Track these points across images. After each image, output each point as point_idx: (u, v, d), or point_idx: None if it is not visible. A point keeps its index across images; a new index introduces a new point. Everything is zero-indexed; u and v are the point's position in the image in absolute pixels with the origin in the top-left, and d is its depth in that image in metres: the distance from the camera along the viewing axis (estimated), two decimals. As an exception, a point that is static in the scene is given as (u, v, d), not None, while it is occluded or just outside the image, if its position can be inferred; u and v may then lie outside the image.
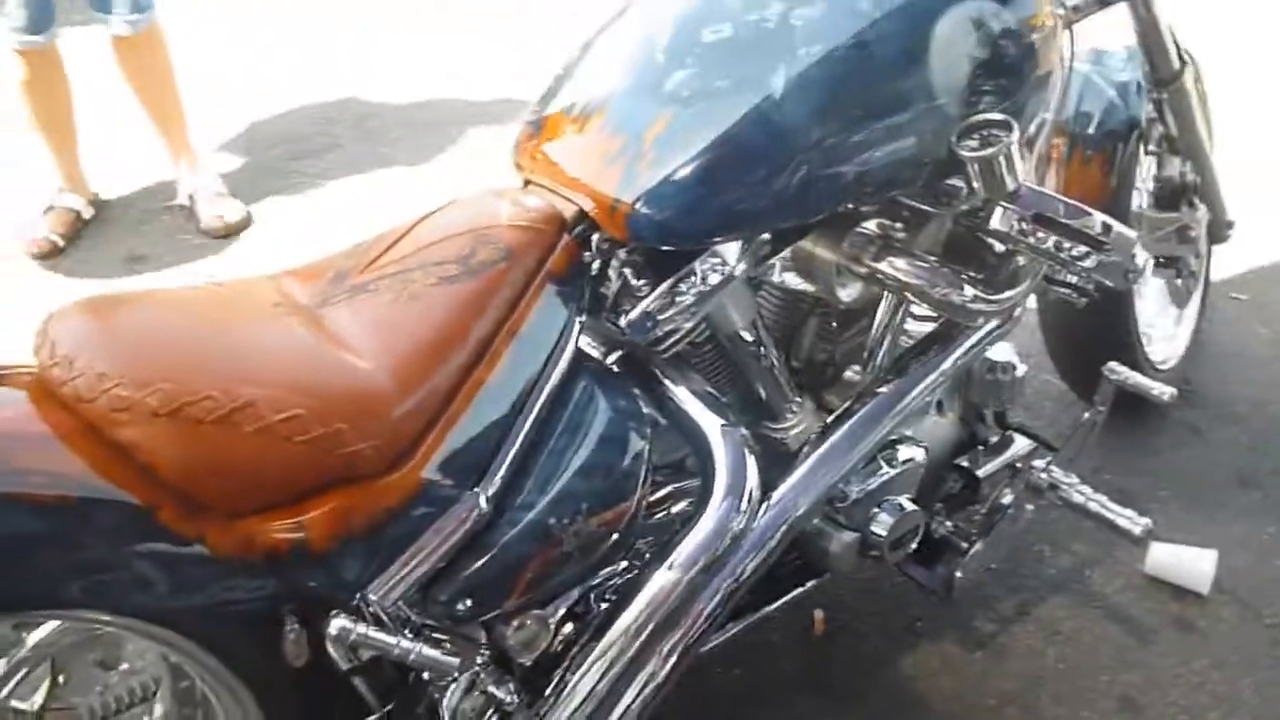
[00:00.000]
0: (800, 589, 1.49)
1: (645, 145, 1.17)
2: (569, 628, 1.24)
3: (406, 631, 1.09)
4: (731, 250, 1.23)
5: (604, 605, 1.25)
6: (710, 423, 1.24)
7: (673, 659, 1.21)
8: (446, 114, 3.50)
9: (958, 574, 1.55)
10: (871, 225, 1.31)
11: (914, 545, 1.48)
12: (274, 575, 1.01)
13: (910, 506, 1.43)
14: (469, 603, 1.10)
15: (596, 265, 1.24)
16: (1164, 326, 2.17)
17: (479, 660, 1.16)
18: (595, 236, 1.22)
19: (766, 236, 1.27)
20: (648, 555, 1.26)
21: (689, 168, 1.15)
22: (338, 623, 1.03)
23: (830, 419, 1.37)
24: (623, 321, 1.22)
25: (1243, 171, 2.19)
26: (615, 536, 1.18)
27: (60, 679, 1.23)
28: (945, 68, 1.21)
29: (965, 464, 1.57)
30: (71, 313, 1.03)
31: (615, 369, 1.26)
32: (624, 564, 1.27)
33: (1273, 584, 1.81)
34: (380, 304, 1.11)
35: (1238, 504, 1.96)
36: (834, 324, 1.46)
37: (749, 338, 1.32)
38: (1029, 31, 1.28)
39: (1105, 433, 1.64)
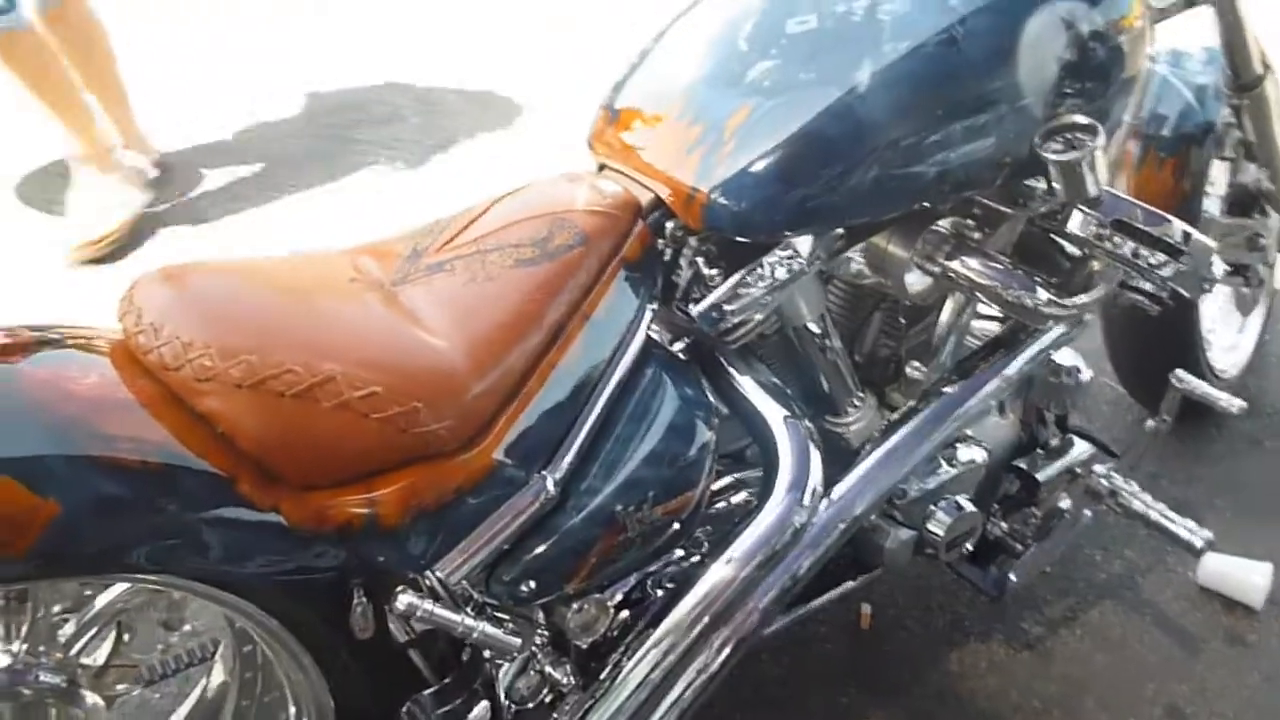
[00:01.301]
0: (852, 583, 1.48)
1: (726, 135, 1.16)
2: (626, 613, 1.24)
3: (469, 609, 1.10)
4: (805, 244, 1.22)
5: (661, 593, 1.25)
6: (776, 416, 1.23)
7: (726, 651, 1.21)
8: (506, 92, 3.51)
9: (1011, 576, 1.54)
10: (945, 224, 1.30)
11: (969, 546, 1.47)
12: (344, 548, 1.01)
13: (968, 507, 1.42)
14: (532, 584, 1.10)
15: (669, 253, 1.23)
16: (1226, 334, 2.14)
17: (537, 640, 1.17)
18: (669, 224, 1.21)
19: (840, 231, 1.26)
20: (707, 545, 1.26)
21: (770, 160, 1.14)
22: (405, 598, 1.03)
23: (895, 417, 1.36)
24: (693, 311, 1.21)
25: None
26: (677, 525, 1.17)
27: (125, 637, 1.26)
28: (1033, 68, 1.19)
29: (1024, 466, 1.56)
30: (156, 281, 1.04)
31: (683, 357, 1.26)
32: (683, 552, 1.27)
33: (1328, 601, 1.79)
34: (457, 284, 1.11)
35: (1295, 518, 1.94)
36: (899, 320, 1.45)
37: (817, 331, 1.31)
38: (1119, 33, 1.25)
39: (1162, 440, 1.62)
